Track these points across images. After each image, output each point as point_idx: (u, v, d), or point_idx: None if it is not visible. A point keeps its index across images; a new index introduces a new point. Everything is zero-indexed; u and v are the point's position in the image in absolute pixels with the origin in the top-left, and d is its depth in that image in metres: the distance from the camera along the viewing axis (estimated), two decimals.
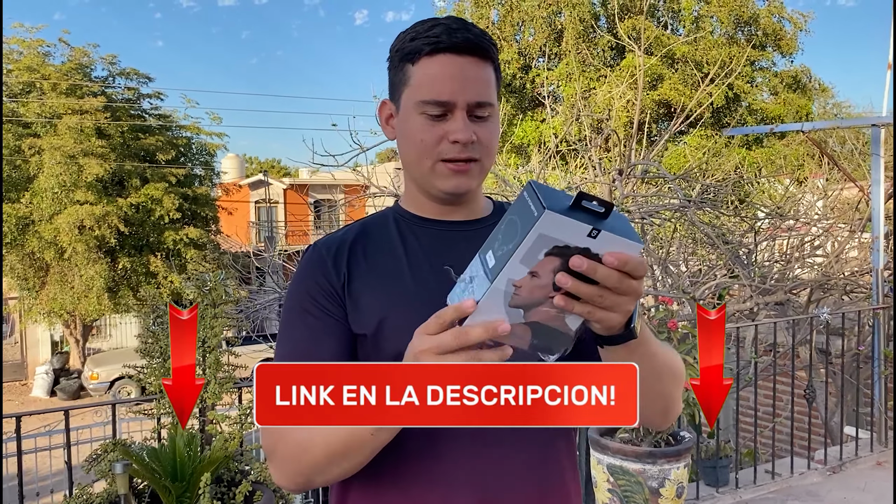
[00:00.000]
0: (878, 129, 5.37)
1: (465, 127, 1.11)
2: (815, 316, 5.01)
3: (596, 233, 0.82)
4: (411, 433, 1.07)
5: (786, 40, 19.57)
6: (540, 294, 0.87)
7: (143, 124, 18.58)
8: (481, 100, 1.13)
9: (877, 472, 4.80)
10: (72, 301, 16.58)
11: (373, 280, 1.15)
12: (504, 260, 0.84)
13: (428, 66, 1.12)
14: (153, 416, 2.90)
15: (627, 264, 0.85)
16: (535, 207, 0.82)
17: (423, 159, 1.14)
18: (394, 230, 1.22)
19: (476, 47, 1.12)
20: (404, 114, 1.16)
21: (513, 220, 0.86)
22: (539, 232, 0.81)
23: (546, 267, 0.85)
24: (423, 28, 1.13)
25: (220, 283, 2.86)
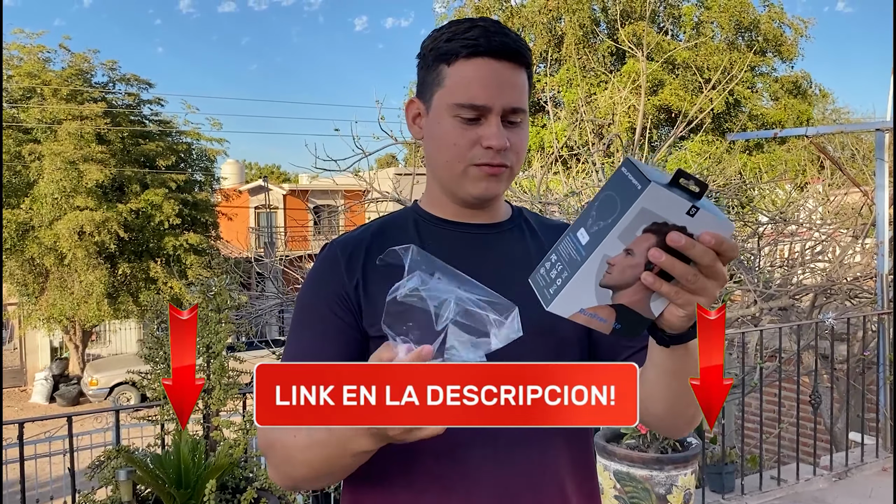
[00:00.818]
0: (882, 134, 5.35)
1: (500, 133, 1.10)
2: (819, 321, 4.99)
3: (695, 210, 0.81)
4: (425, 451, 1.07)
5: (786, 46, 19.62)
6: (631, 274, 0.86)
7: (144, 130, 18.57)
8: (516, 105, 1.12)
9: (882, 479, 4.77)
10: (71, 307, 16.55)
11: (389, 283, 1.13)
12: (602, 235, 0.82)
13: (464, 68, 1.10)
14: (157, 423, 2.87)
15: (723, 244, 0.84)
16: (637, 181, 0.80)
17: (454, 163, 1.13)
18: (413, 231, 1.20)
19: (513, 52, 1.11)
20: (436, 115, 1.14)
21: (610, 196, 0.84)
22: (642, 206, 0.80)
23: (642, 245, 0.83)
24: (461, 29, 1.12)
25: (224, 288, 2.84)
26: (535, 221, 1.28)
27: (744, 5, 19.00)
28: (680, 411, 1.07)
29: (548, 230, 1.26)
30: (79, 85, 17.69)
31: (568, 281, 0.85)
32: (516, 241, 1.22)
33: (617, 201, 0.82)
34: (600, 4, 19.08)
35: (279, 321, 13.10)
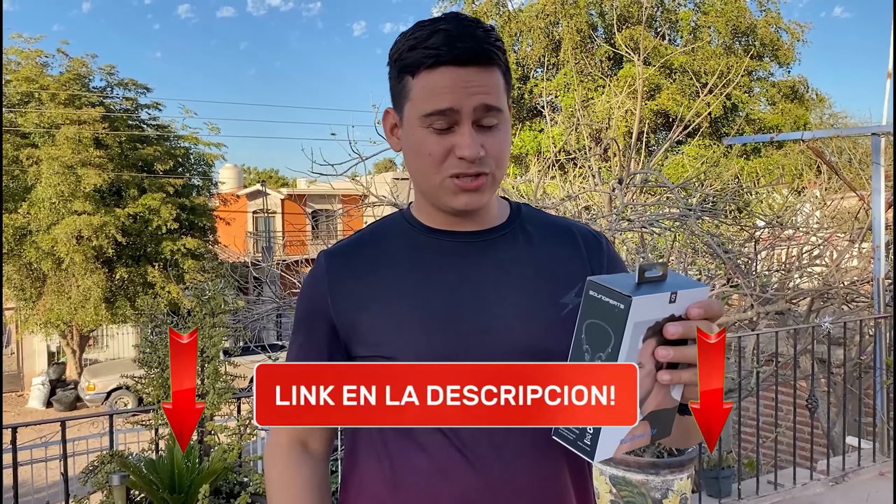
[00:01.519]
0: (879, 138, 5.35)
1: (472, 141, 1.05)
2: (816, 325, 4.99)
3: (674, 296, 0.82)
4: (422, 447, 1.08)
5: (783, 50, 19.65)
6: (648, 383, 0.86)
7: (142, 134, 18.57)
8: (487, 103, 1.05)
9: (880, 483, 4.76)
10: (69, 311, 16.53)
11: (374, 299, 1.13)
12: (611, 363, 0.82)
13: (428, 79, 1.05)
14: (151, 427, 2.86)
15: (710, 309, 0.84)
16: (616, 301, 0.80)
17: (431, 175, 1.09)
18: (401, 241, 1.18)
19: (480, 55, 1.05)
20: (408, 127, 1.10)
21: (594, 324, 0.83)
22: (634, 321, 0.80)
23: (646, 353, 0.84)
24: (423, 35, 1.05)
25: (219, 292, 2.83)
26: (535, 223, 1.22)
27: (741, 10, 19.04)
28: (684, 443, 1.09)
29: (549, 235, 1.21)
30: (77, 89, 17.69)
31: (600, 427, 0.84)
32: (508, 248, 1.17)
33: (606, 328, 0.81)
34: (597, 9, 19.12)
35: (276, 326, 13.10)
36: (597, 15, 19.33)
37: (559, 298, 1.13)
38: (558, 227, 1.23)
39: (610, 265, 1.21)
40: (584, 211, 6.87)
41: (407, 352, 1.07)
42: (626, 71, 16.58)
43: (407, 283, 1.12)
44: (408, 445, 1.09)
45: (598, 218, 5.94)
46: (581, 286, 1.13)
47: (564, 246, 1.20)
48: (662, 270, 0.83)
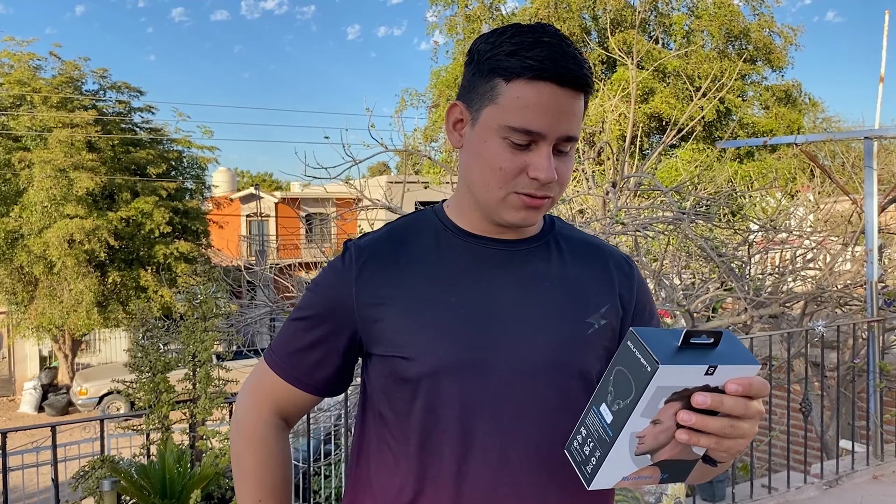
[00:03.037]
0: (871, 142, 5.36)
1: (550, 165, 1.03)
2: (810, 329, 4.99)
3: (712, 370, 0.80)
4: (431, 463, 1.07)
5: (776, 54, 19.73)
6: (665, 437, 0.84)
7: (134, 138, 18.53)
8: (571, 134, 1.05)
9: (873, 486, 4.76)
10: (61, 316, 16.45)
11: (400, 297, 1.10)
12: (624, 415, 0.81)
13: (524, 90, 1.02)
14: (141, 432, 2.84)
15: (752, 388, 0.81)
16: (646, 362, 0.79)
17: (496, 188, 1.06)
18: (432, 240, 1.15)
19: (578, 80, 1.03)
20: (483, 131, 1.06)
21: (622, 372, 0.83)
22: (656, 386, 0.79)
23: (668, 412, 0.82)
24: (525, 43, 1.02)
25: (210, 296, 2.81)
26: (568, 239, 1.21)
27: (734, 14, 19.10)
28: (699, 481, 1.09)
29: (581, 253, 1.20)
30: (69, 93, 17.64)
31: (602, 460, 0.84)
32: (539, 261, 1.15)
33: (630, 380, 0.81)
34: (591, 13, 19.16)
35: (270, 330, 13.08)
36: (590, 19, 19.38)
37: (585, 318, 1.13)
38: (590, 245, 1.23)
39: (639, 293, 1.21)
40: (578, 214, 6.86)
41: (427, 355, 1.06)
42: (619, 75, 16.62)
43: (435, 286, 1.10)
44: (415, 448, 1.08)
45: (591, 221, 5.93)
46: (608, 308, 1.14)
47: (595, 266, 1.19)
48: (714, 338, 0.81)
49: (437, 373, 1.06)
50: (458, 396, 1.06)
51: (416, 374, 1.06)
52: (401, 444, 1.09)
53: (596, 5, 18.70)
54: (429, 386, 1.06)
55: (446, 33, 20.24)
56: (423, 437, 1.07)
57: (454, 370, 1.06)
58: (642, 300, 1.22)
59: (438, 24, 20.49)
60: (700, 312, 6.33)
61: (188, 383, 2.90)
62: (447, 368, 1.06)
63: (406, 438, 1.08)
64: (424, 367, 1.06)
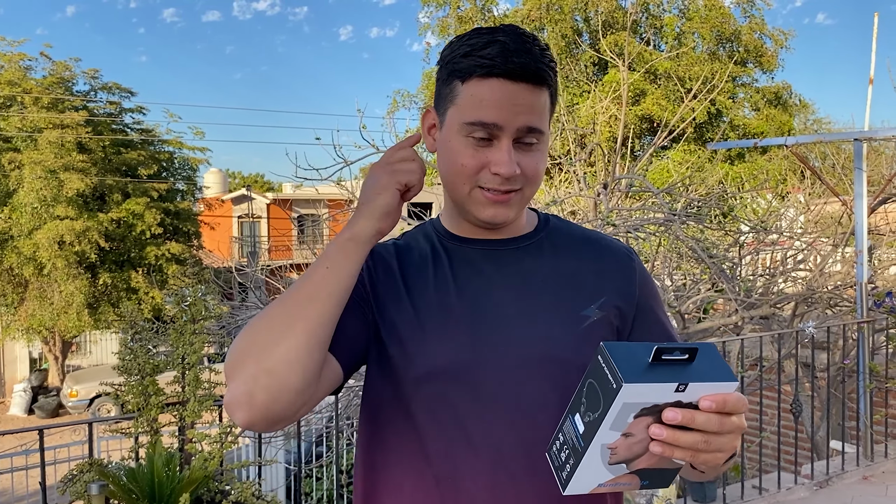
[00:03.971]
0: (860, 144, 5.38)
1: (510, 159, 1.05)
2: (800, 330, 5.00)
3: (683, 387, 0.79)
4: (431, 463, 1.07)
5: (767, 57, 19.82)
6: (638, 448, 0.84)
7: (125, 139, 18.48)
8: (531, 125, 1.06)
9: (863, 487, 4.78)
10: (51, 317, 16.38)
11: (395, 302, 1.12)
12: (594, 427, 0.81)
13: (477, 88, 1.05)
14: (130, 435, 2.82)
15: (726, 405, 0.80)
16: (612, 378, 0.79)
17: (461, 184, 1.09)
18: (427, 246, 1.18)
19: (532, 74, 1.04)
20: (447, 132, 1.09)
21: (593, 385, 0.83)
22: (622, 402, 0.78)
23: (639, 426, 0.81)
24: (479, 44, 1.05)
25: (200, 298, 2.80)
26: (563, 235, 1.22)
27: (725, 16, 19.19)
28: (699, 479, 1.09)
29: (576, 247, 1.21)
30: (60, 93, 17.58)
31: (576, 468, 0.84)
32: (532, 258, 1.17)
33: (599, 394, 0.81)
34: (582, 15, 19.20)
35: None
36: (582, 21, 19.42)
37: (581, 311, 1.13)
38: (588, 240, 1.23)
39: (641, 283, 1.21)
40: (570, 216, 6.87)
41: (423, 357, 1.07)
42: (610, 76, 16.66)
43: (429, 288, 1.12)
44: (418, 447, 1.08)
45: (583, 223, 5.94)
46: (604, 300, 1.15)
47: (591, 259, 1.19)
48: (689, 354, 0.80)
49: (434, 373, 1.07)
50: (455, 396, 1.07)
51: (414, 375, 1.07)
52: (401, 445, 1.10)
53: (588, 7, 18.75)
54: (426, 387, 1.07)
55: (438, 34, 20.25)
56: (422, 437, 1.08)
57: (450, 371, 1.07)
58: (645, 293, 1.22)
59: (431, 26, 20.51)
60: (691, 314, 6.33)
61: (177, 386, 2.89)
62: (443, 369, 1.07)
63: (406, 439, 1.09)
64: (421, 369, 1.07)
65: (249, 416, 0.96)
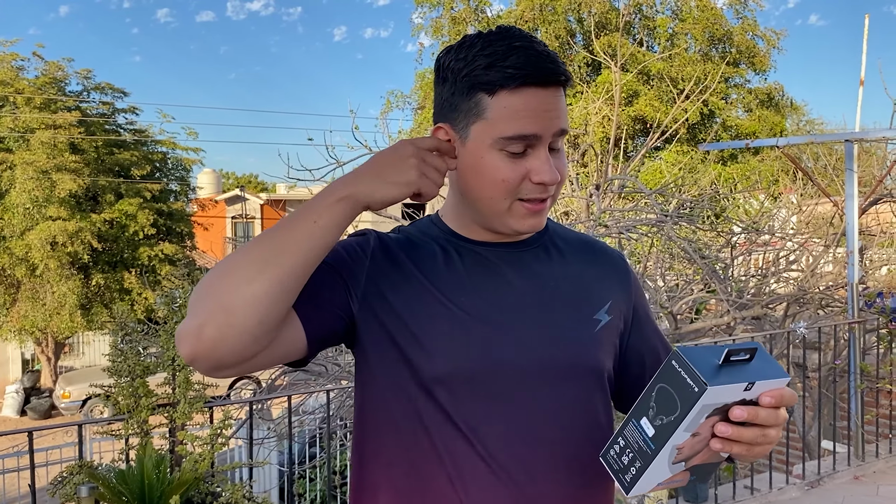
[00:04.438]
0: (851, 145, 5.41)
1: (551, 167, 1.04)
2: (791, 330, 5.02)
3: (751, 386, 0.85)
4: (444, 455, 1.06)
5: (759, 57, 19.87)
6: (700, 446, 0.90)
7: (118, 139, 18.41)
8: (564, 127, 1.06)
9: (854, 487, 4.80)
10: (43, 318, 16.31)
11: (406, 302, 1.09)
12: (668, 430, 0.86)
13: (510, 100, 1.02)
14: (120, 437, 2.81)
15: (783, 399, 0.88)
16: (693, 383, 0.83)
17: (501, 199, 1.06)
18: (436, 247, 1.14)
19: (558, 77, 1.04)
20: (477, 148, 1.05)
21: (666, 390, 0.86)
22: (702, 404, 0.83)
23: (706, 425, 0.87)
24: (499, 53, 1.02)
25: (189, 299, 2.79)
26: (563, 238, 1.22)
27: (717, 17, 19.24)
28: None
29: (578, 251, 1.21)
30: (52, 94, 17.51)
31: (643, 470, 0.88)
32: (541, 262, 1.16)
33: (676, 399, 0.85)
34: (576, 16, 19.23)
35: None
36: (575, 21, 19.44)
37: (592, 314, 1.14)
38: (585, 244, 1.24)
39: (635, 286, 1.24)
40: (563, 216, 6.88)
41: (439, 359, 1.05)
42: (603, 77, 16.69)
43: (442, 289, 1.09)
44: (428, 451, 1.06)
45: (576, 224, 5.95)
46: (611, 304, 1.17)
47: (593, 264, 1.21)
48: (750, 354, 0.86)
49: (450, 376, 1.05)
50: (470, 398, 1.05)
51: (429, 377, 1.05)
52: (410, 446, 1.07)
53: (581, 8, 18.77)
54: (442, 389, 1.05)
55: (432, 35, 20.26)
56: (435, 439, 1.06)
57: (466, 373, 1.06)
58: (639, 296, 1.25)
59: (424, 26, 20.51)
60: (684, 314, 6.35)
61: (168, 387, 2.88)
62: (459, 371, 1.06)
63: (416, 441, 1.07)
64: (437, 371, 1.05)
65: (193, 350, 0.93)
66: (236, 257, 0.96)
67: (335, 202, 0.98)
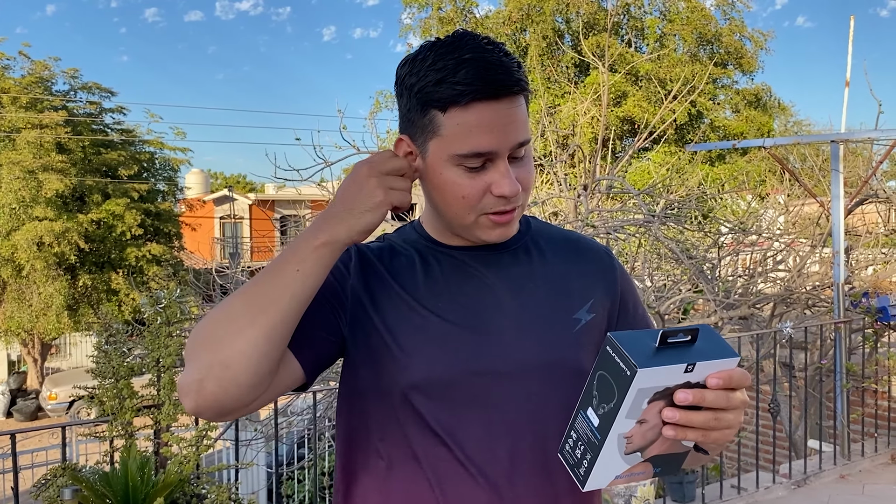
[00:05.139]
0: (837, 145, 5.43)
1: (511, 180, 1.02)
2: (778, 330, 5.04)
3: (692, 367, 0.82)
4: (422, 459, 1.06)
5: (747, 58, 19.96)
6: (652, 434, 0.87)
7: (105, 139, 18.32)
8: (521, 139, 1.03)
9: (840, 486, 4.82)
10: (30, 319, 16.21)
11: (387, 308, 1.09)
12: (610, 418, 0.83)
13: (461, 116, 0.99)
14: (105, 439, 2.79)
15: (732, 380, 0.84)
16: (625, 366, 0.81)
17: (465, 214, 1.05)
18: (415, 254, 1.15)
19: (510, 87, 1.00)
20: (435, 165, 1.04)
21: (604, 377, 0.85)
22: (637, 388, 0.81)
23: (652, 411, 0.84)
24: (448, 67, 0.99)
25: (174, 300, 2.77)
26: (546, 237, 1.21)
27: (706, 18, 19.31)
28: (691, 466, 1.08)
29: (560, 250, 1.20)
30: (39, 93, 17.40)
31: (594, 462, 0.86)
32: (521, 263, 1.15)
33: (612, 384, 0.83)
34: (564, 16, 19.26)
35: None
36: (563, 22, 19.47)
37: (572, 314, 1.13)
38: (570, 241, 1.23)
39: (622, 281, 1.22)
40: (552, 217, 6.89)
41: (418, 364, 1.05)
42: (592, 78, 16.72)
43: (421, 295, 1.10)
44: (408, 456, 1.06)
45: (564, 224, 5.95)
46: (593, 302, 1.15)
47: (576, 262, 1.19)
48: (691, 335, 0.83)
49: (427, 382, 1.05)
50: (449, 403, 1.05)
51: (406, 384, 1.05)
52: (389, 450, 1.07)
53: (569, 9, 18.81)
54: (419, 395, 1.05)
55: (420, 36, 20.24)
56: (415, 443, 1.06)
57: (443, 379, 1.05)
58: (626, 290, 1.22)
59: (413, 27, 20.50)
60: (671, 314, 6.36)
61: (153, 389, 2.87)
62: (436, 377, 1.05)
63: (395, 445, 1.07)
64: (414, 378, 1.05)
65: (196, 404, 0.96)
66: (227, 308, 0.97)
67: (315, 248, 0.97)
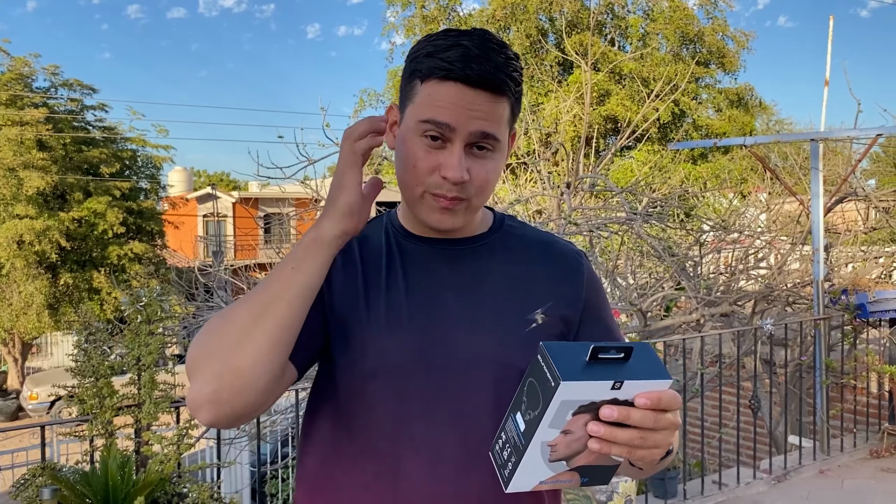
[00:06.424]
0: (817, 144, 5.49)
1: (459, 164, 1.03)
2: (759, 327, 5.09)
3: (619, 385, 0.82)
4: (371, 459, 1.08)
5: (729, 58, 20.08)
6: (577, 445, 0.86)
7: (87, 136, 18.17)
8: (486, 130, 1.04)
9: (820, 481, 4.87)
10: (10, 319, 16.06)
11: (346, 299, 1.11)
12: (534, 425, 0.83)
13: (434, 88, 1.04)
14: (85, 439, 2.78)
15: (661, 402, 0.83)
16: (550, 377, 0.81)
17: (413, 185, 1.07)
18: (381, 243, 1.17)
19: (490, 82, 1.03)
20: (405, 129, 1.08)
21: (533, 384, 0.85)
22: (560, 399, 0.80)
23: (578, 423, 0.84)
24: (442, 46, 1.04)
25: (154, 299, 2.76)
26: (517, 237, 1.22)
27: (688, 17, 19.41)
28: (639, 477, 1.11)
29: (528, 250, 1.21)
30: (19, 90, 17.23)
31: (517, 465, 0.86)
32: (483, 260, 1.16)
33: (539, 393, 0.83)
34: (547, 15, 19.30)
35: None
36: (547, 21, 19.51)
37: (526, 315, 1.13)
38: (540, 243, 1.23)
39: (588, 286, 1.22)
40: (535, 215, 6.91)
41: (370, 354, 1.08)
42: (575, 76, 16.77)
43: (380, 286, 1.12)
44: (360, 447, 1.08)
45: (547, 222, 5.97)
46: (551, 305, 1.15)
47: (541, 263, 1.19)
48: (625, 353, 0.83)
49: (379, 371, 1.07)
50: (399, 395, 1.07)
51: (361, 371, 1.08)
52: (342, 441, 1.10)
53: (553, 8, 18.84)
54: (371, 384, 1.08)
55: (404, 34, 20.22)
56: (364, 434, 1.08)
57: (395, 369, 1.07)
58: (592, 297, 1.22)
59: (396, 25, 20.47)
60: (654, 311, 6.40)
61: (133, 388, 2.85)
62: (389, 367, 1.07)
63: (348, 436, 1.09)
64: (367, 366, 1.07)
65: (215, 415, 0.97)
66: (228, 317, 0.99)
67: (307, 246, 1.00)
